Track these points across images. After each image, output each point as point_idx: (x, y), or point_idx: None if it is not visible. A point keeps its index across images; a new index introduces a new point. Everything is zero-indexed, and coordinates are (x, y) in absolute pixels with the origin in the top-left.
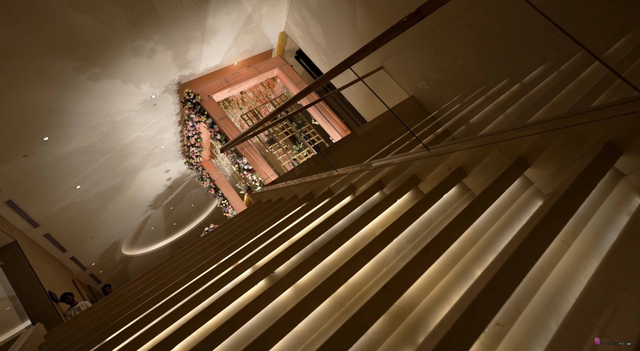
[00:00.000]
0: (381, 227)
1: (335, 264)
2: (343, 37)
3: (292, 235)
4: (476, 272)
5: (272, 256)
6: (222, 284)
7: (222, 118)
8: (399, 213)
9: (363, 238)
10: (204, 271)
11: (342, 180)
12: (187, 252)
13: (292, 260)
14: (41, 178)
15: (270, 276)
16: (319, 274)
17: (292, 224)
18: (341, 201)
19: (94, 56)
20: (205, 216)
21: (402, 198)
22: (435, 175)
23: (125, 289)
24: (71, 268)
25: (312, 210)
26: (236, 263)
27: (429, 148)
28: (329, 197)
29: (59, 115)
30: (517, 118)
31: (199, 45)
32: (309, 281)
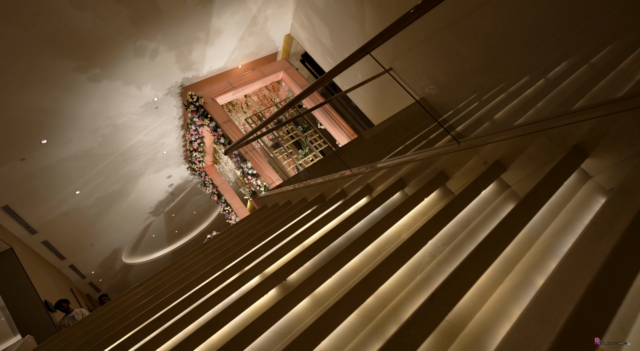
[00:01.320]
0: (407, 228)
1: (357, 270)
2: (351, 38)
3: (304, 239)
4: (537, 280)
5: (283, 262)
6: (227, 293)
7: (226, 121)
8: (427, 213)
9: (387, 241)
10: (207, 278)
11: (357, 181)
12: (189, 258)
13: (306, 267)
14: (39, 182)
15: (282, 284)
16: (340, 282)
17: (303, 228)
18: (357, 202)
19: (95, 56)
20: (207, 223)
21: (428, 198)
22: (467, 170)
23: (123, 297)
24: (70, 276)
25: (324, 212)
26: (243, 270)
27: (460, 140)
28: (342, 198)
29: (58, 117)
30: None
31: (203, 47)
32: (328, 290)
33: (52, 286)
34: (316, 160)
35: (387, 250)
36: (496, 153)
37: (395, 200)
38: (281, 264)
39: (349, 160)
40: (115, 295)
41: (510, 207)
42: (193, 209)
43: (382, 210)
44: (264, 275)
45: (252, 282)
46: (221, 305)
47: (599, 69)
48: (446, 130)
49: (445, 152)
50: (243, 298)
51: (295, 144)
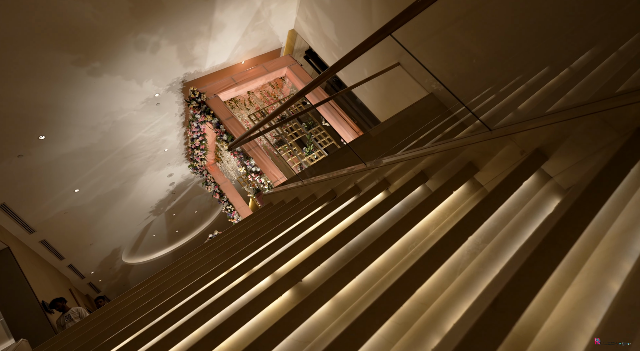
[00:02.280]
0: (435, 224)
1: (382, 270)
2: (357, 32)
3: (317, 236)
4: (611, 284)
5: (297, 261)
6: (235, 295)
7: (229, 118)
8: (455, 208)
9: (414, 238)
10: (212, 279)
11: (371, 175)
12: (192, 258)
13: (323, 266)
14: (37, 180)
15: (297, 285)
16: (366, 283)
17: (315, 225)
18: (373, 198)
19: (94, 49)
20: (208, 223)
21: (457, 191)
22: (500, 161)
23: (121, 299)
24: (69, 276)
25: (337, 209)
26: (251, 270)
27: (491, 127)
28: (355, 194)
29: (57, 113)
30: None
31: (206, 41)
32: (352, 293)
33: (51, 287)
34: (321, 157)
35: (415, 247)
36: (536, 141)
37: (417, 194)
38: (294, 264)
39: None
40: (115, 295)
41: (554, 199)
42: (194, 208)
43: (404, 205)
44: (275, 275)
45: (263, 283)
46: (229, 308)
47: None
48: (476, 116)
49: (475, 140)
50: (254, 301)
51: (299, 142)
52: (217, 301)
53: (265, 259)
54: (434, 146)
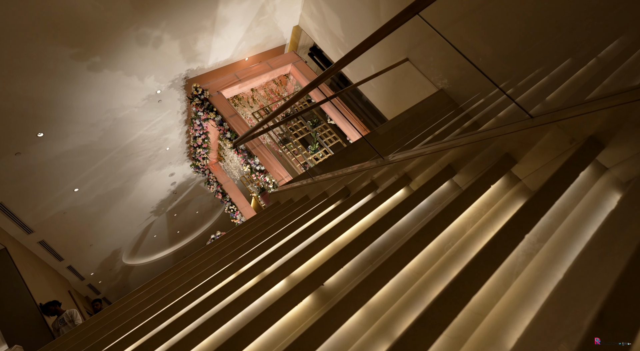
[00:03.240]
0: (472, 221)
1: (417, 273)
2: (364, 27)
3: (335, 236)
4: None
5: (315, 263)
6: (247, 300)
7: (233, 115)
8: (492, 203)
9: (450, 237)
10: (220, 282)
11: (390, 170)
12: (195, 260)
13: (346, 269)
14: (35, 179)
15: (318, 291)
16: (400, 288)
17: (331, 224)
18: (393, 195)
19: (94, 43)
20: (210, 224)
21: (492, 186)
22: (540, 151)
23: (122, 303)
24: (68, 278)
25: (353, 207)
26: (263, 272)
27: (532, 115)
28: (372, 191)
29: (55, 109)
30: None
31: (209, 36)
32: (386, 299)
33: (49, 289)
34: (327, 156)
35: (451, 247)
36: (590, 127)
37: (445, 190)
38: (313, 266)
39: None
40: (115, 297)
41: (614, 194)
42: (196, 209)
43: (431, 202)
44: (292, 279)
45: (279, 287)
46: (242, 315)
47: None
48: (516, 103)
49: (513, 129)
50: (271, 308)
51: (304, 140)
52: (228, 307)
53: (278, 260)
54: (461, 137)
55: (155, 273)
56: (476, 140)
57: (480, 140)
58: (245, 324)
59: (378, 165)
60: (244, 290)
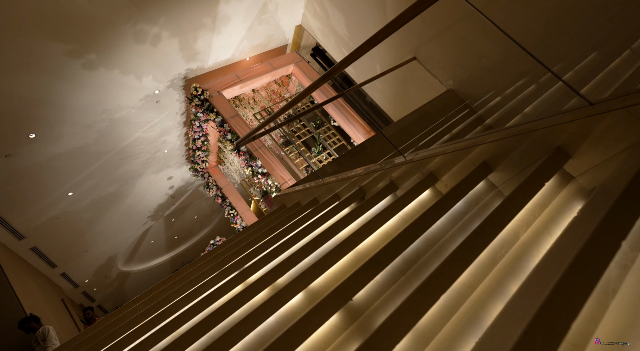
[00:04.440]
0: (526, 225)
1: (469, 287)
2: (369, 25)
3: (356, 243)
4: None
5: (337, 274)
6: (259, 318)
7: (234, 116)
8: (546, 204)
9: (502, 244)
10: (224, 295)
11: (411, 168)
12: (197, 267)
13: (377, 281)
14: (27, 182)
15: (347, 307)
16: (452, 305)
17: (349, 229)
18: (418, 196)
19: (90, 39)
20: (209, 229)
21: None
22: (600, 142)
23: (115, 317)
24: (62, 285)
25: (372, 210)
26: (274, 283)
27: (592, 101)
28: (391, 192)
29: (48, 109)
30: None
31: (209, 35)
32: (436, 319)
33: (40, 297)
34: (330, 158)
35: (505, 255)
36: None
37: (481, 190)
38: (335, 277)
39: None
40: (110, 305)
41: None
42: (194, 214)
43: (467, 203)
44: (311, 292)
45: (296, 302)
46: (255, 336)
47: None
48: (573, 89)
49: (569, 118)
50: (292, 329)
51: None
52: (239, 325)
53: (291, 270)
54: (499, 131)
55: (153, 280)
56: (517, 133)
57: (521, 133)
58: (262, 349)
59: (397, 164)
60: (254, 304)
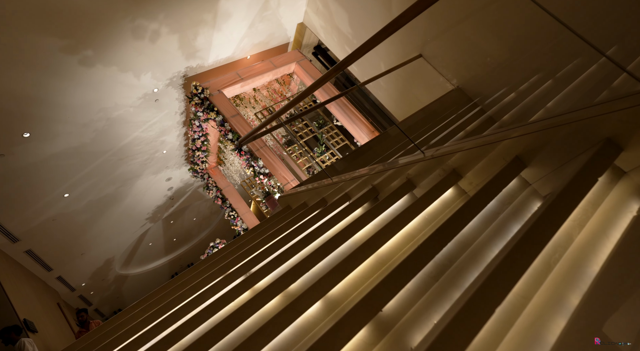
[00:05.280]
0: (579, 226)
1: (522, 297)
2: (374, 22)
3: (377, 246)
4: None
5: (356, 280)
6: (273, 332)
7: (234, 115)
8: (598, 203)
9: (555, 247)
10: (230, 302)
11: (431, 165)
12: (199, 271)
13: (408, 289)
14: (21, 183)
15: (375, 320)
16: (506, 320)
17: (364, 231)
18: (441, 195)
19: (86, 34)
20: (208, 231)
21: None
22: None
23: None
24: (57, 289)
25: (388, 210)
26: (286, 290)
27: None
28: (409, 191)
29: (43, 107)
30: None
31: (210, 31)
32: (490, 336)
33: (35, 302)
34: (333, 158)
35: (559, 260)
36: None
37: (514, 187)
38: (355, 284)
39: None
40: (108, 308)
41: None
42: (193, 215)
43: (500, 202)
44: (330, 301)
45: (313, 312)
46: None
47: None
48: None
49: (630, 104)
50: (317, 347)
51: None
52: (251, 339)
53: (304, 275)
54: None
55: (151, 283)
56: (558, 124)
57: (562, 123)
58: None
59: (415, 161)
60: (266, 313)
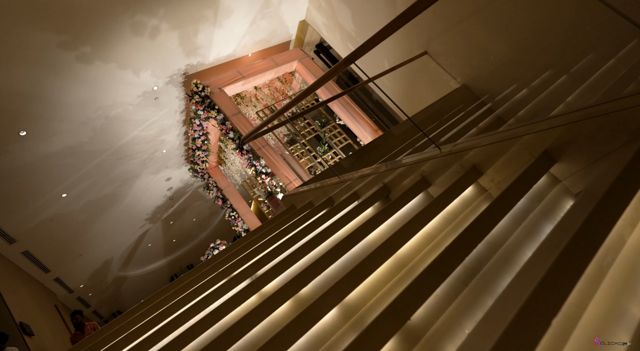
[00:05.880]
0: (630, 226)
1: (577, 307)
2: (379, 18)
3: (395, 247)
4: None
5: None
6: (286, 341)
7: (236, 113)
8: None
9: (608, 249)
10: (235, 307)
11: (447, 162)
12: (201, 274)
13: (437, 295)
14: (17, 183)
15: (404, 329)
16: (560, 334)
17: (378, 232)
18: (461, 193)
19: (84, 30)
20: (207, 231)
21: None
22: None
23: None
24: (55, 291)
25: (402, 209)
26: (297, 295)
27: None
28: (423, 189)
29: (40, 105)
30: None
31: (210, 28)
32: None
33: (32, 304)
34: (336, 158)
35: (613, 263)
36: None
37: (543, 185)
38: (374, 288)
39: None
40: (106, 310)
41: None
42: (193, 216)
43: (529, 200)
44: (346, 306)
45: (330, 319)
46: None
47: None
48: None
49: None
50: None
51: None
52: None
53: (316, 278)
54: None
55: (150, 285)
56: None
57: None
58: None
59: (431, 157)
60: (276, 320)
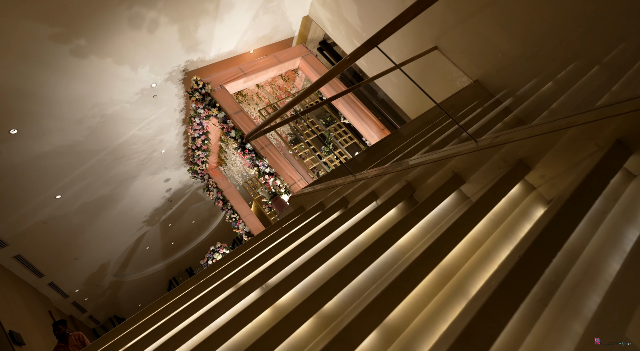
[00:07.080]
0: None
1: None
2: (386, 12)
3: (440, 255)
4: None
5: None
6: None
7: (238, 111)
8: None
9: None
10: (247, 323)
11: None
12: (204, 281)
13: (513, 320)
14: (8, 183)
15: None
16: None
17: (410, 236)
18: (508, 192)
19: (78, 22)
20: (207, 234)
21: None
22: None
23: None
24: (49, 296)
25: (434, 211)
26: (321, 310)
27: None
28: (456, 188)
29: (32, 101)
30: None
31: (211, 22)
32: None
33: (24, 310)
34: (342, 157)
35: None
36: None
37: (618, 181)
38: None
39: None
40: (103, 315)
41: None
42: (192, 218)
43: (605, 199)
44: (387, 330)
45: (367, 346)
46: None
47: None
48: None
49: None
50: None
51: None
52: None
53: (342, 291)
54: None
55: (148, 289)
56: None
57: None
58: None
59: (468, 151)
60: (297, 343)
